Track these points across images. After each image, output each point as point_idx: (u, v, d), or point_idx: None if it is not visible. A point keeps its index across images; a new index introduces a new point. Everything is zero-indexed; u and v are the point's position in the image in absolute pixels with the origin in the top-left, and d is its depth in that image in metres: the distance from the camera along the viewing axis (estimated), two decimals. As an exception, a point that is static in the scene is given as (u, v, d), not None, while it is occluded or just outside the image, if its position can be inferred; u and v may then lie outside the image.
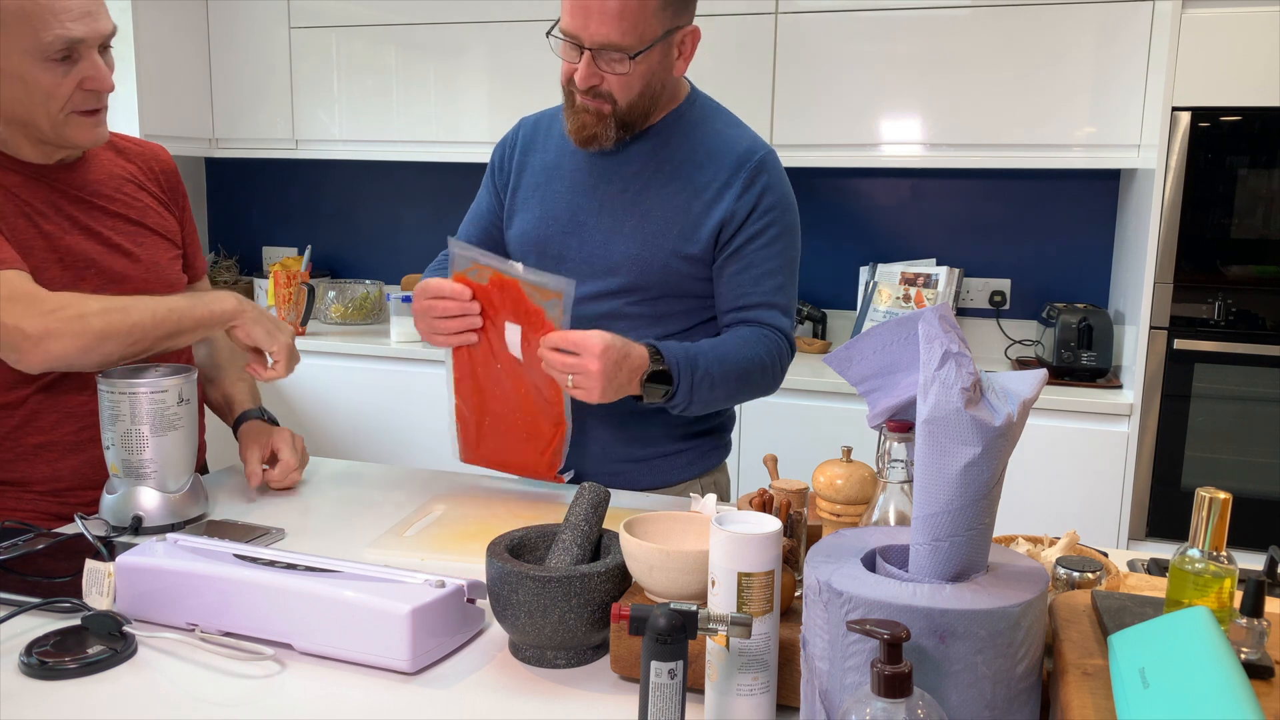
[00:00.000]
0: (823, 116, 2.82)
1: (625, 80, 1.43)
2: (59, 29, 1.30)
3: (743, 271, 1.51)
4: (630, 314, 1.53)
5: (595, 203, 1.54)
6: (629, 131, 1.49)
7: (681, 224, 1.50)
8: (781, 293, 1.53)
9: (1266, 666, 0.79)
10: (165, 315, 1.36)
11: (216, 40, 3.37)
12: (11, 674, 0.97)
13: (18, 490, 1.43)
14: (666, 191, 1.51)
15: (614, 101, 1.45)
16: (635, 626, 0.82)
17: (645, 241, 1.51)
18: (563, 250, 1.56)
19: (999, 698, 0.77)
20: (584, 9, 1.39)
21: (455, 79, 3.15)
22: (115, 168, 1.51)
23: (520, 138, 1.64)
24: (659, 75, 1.46)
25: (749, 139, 1.54)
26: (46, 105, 1.34)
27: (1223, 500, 0.82)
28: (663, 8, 1.41)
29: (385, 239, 3.71)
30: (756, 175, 1.50)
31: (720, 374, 1.45)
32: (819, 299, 3.21)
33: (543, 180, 1.58)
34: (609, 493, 1.11)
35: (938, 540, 0.80)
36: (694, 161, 1.51)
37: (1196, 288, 2.44)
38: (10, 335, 1.27)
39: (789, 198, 1.55)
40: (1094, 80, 2.61)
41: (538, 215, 1.58)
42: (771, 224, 1.51)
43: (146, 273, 1.49)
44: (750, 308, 1.52)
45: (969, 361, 0.81)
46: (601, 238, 1.53)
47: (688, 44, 1.48)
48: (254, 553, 1.09)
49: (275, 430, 1.55)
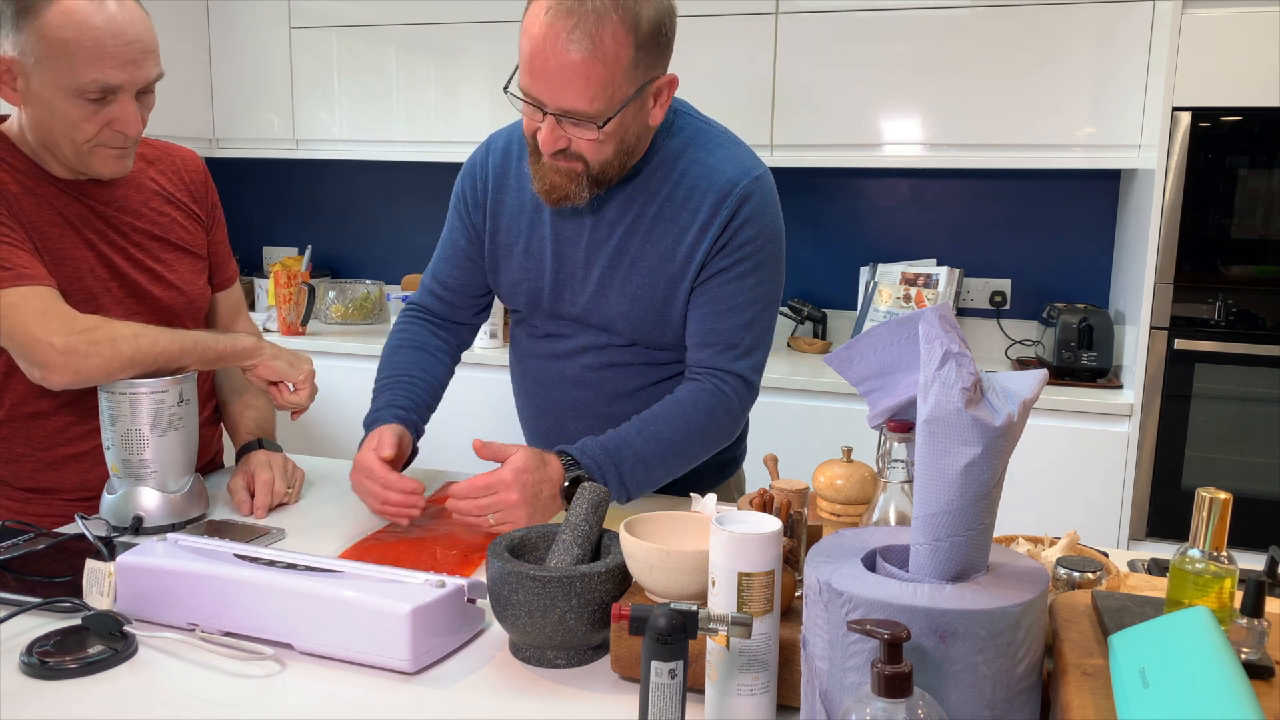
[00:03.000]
0: (823, 116, 2.82)
1: (595, 144, 1.28)
2: (97, 73, 1.27)
3: (707, 305, 1.40)
4: (635, 362, 1.48)
5: (581, 254, 1.43)
6: (603, 188, 1.36)
7: (669, 271, 1.40)
8: (748, 330, 1.40)
9: (1266, 666, 0.79)
10: (190, 347, 1.37)
11: (216, 40, 3.37)
12: (12, 674, 0.97)
13: (48, 498, 1.44)
14: (651, 238, 1.40)
15: (585, 161, 1.30)
16: (635, 626, 0.82)
17: (636, 296, 1.41)
18: (555, 305, 1.47)
19: (999, 698, 0.77)
20: (544, 71, 1.21)
21: (455, 79, 3.15)
22: (144, 180, 1.49)
23: (490, 171, 1.49)
24: (633, 130, 1.31)
25: (733, 166, 1.38)
26: (72, 136, 1.32)
27: (1223, 500, 0.82)
28: (634, 65, 1.23)
29: (385, 239, 3.71)
30: (738, 209, 1.36)
31: (654, 453, 1.35)
32: (819, 299, 3.21)
33: (524, 226, 1.46)
34: (609, 493, 1.11)
35: (938, 540, 0.80)
36: (675, 200, 1.39)
37: (1197, 288, 2.43)
38: (42, 351, 1.27)
39: (771, 228, 1.40)
40: (1094, 80, 2.61)
41: (523, 268, 1.47)
42: (745, 258, 1.38)
43: (170, 290, 1.49)
44: (707, 346, 1.40)
45: (969, 361, 0.81)
46: (591, 293, 1.44)
47: (664, 93, 1.31)
48: (254, 553, 1.09)
49: (253, 456, 1.50)
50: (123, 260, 1.44)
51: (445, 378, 1.56)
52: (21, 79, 1.30)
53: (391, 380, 1.49)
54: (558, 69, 1.20)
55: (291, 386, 1.48)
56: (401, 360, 1.52)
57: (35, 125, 1.34)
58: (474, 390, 2.83)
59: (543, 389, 1.55)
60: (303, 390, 1.48)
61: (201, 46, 3.36)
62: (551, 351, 1.52)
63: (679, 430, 1.38)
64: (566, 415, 1.53)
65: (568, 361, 1.50)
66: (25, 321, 1.27)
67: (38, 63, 1.27)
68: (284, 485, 1.47)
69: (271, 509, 1.44)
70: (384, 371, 1.52)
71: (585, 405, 1.51)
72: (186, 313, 1.52)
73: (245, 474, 1.47)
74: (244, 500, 1.43)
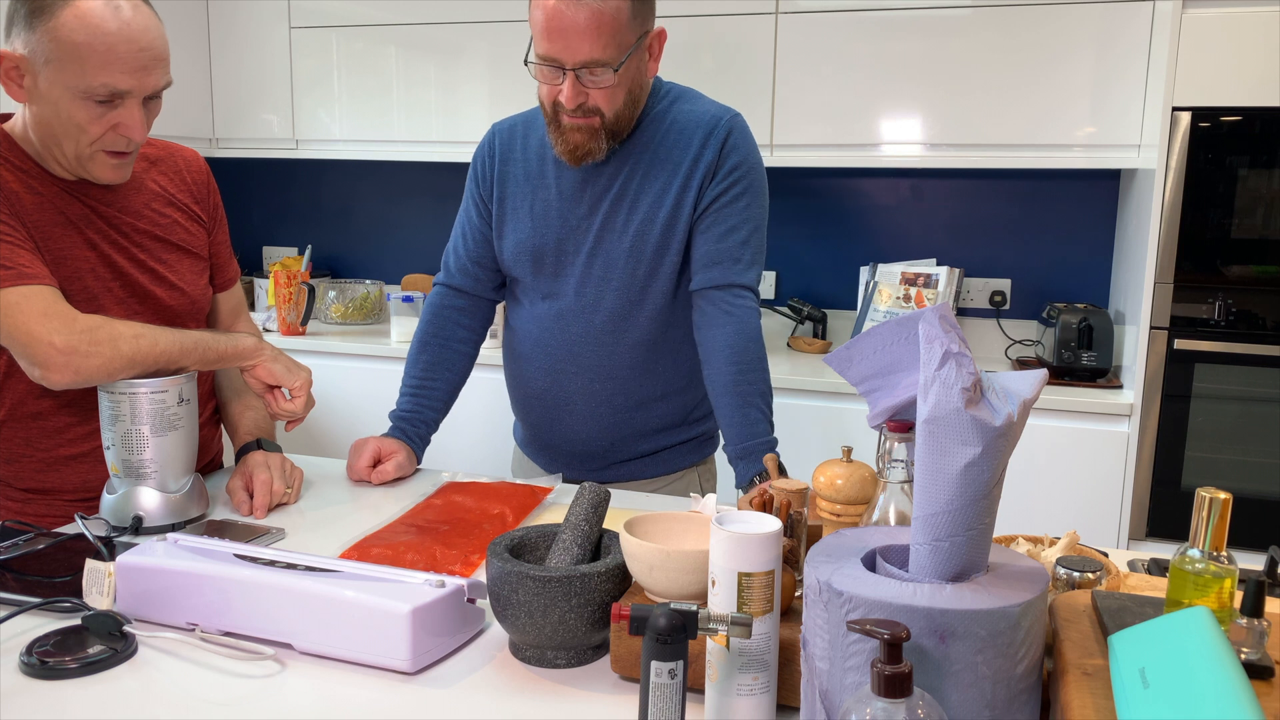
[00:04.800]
0: (823, 116, 2.82)
1: (610, 92, 1.47)
2: (107, 77, 1.27)
3: (708, 229, 1.56)
4: (627, 317, 1.60)
5: (584, 207, 1.59)
6: (618, 140, 1.54)
7: (667, 205, 1.55)
8: (745, 247, 1.57)
9: (1266, 666, 0.79)
10: (191, 347, 1.37)
11: (216, 40, 3.37)
12: (11, 674, 0.97)
13: (48, 498, 1.44)
14: (649, 177, 1.56)
15: (601, 114, 1.49)
16: (635, 626, 0.82)
17: (637, 233, 1.56)
18: (559, 258, 1.61)
19: (999, 698, 0.77)
20: (561, 31, 1.41)
21: (455, 79, 3.15)
22: (146, 181, 1.49)
23: (497, 146, 1.67)
24: (637, 80, 1.51)
25: (715, 108, 1.59)
26: (76, 137, 1.32)
27: (1223, 500, 0.82)
28: (633, 16, 1.45)
29: (385, 239, 3.71)
30: (725, 140, 1.55)
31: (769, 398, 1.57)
32: (819, 299, 3.21)
33: (528, 190, 1.62)
34: (609, 492, 1.11)
35: (938, 540, 0.80)
36: (668, 142, 1.57)
37: (1197, 288, 2.43)
38: (42, 350, 1.27)
39: (754, 156, 1.59)
40: (1094, 80, 2.61)
41: (529, 227, 1.62)
42: (735, 183, 1.56)
43: (171, 290, 1.49)
44: (715, 264, 1.56)
45: (969, 361, 0.81)
46: (594, 236, 1.59)
47: (656, 46, 1.53)
48: (254, 552, 1.09)
49: (251, 456, 1.50)
50: (124, 260, 1.43)
51: (465, 371, 1.74)
52: (29, 77, 1.29)
53: (413, 389, 1.69)
54: (573, 26, 1.40)
55: (288, 393, 1.48)
56: (426, 361, 1.70)
57: (39, 124, 1.33)
58: (476, 391, 2.83)
59: (541, 351, 1.65)
60: (299, 399, 1.48)
61: (201, 46, 3.36)
62: (549, 312, 1.63)
63: (763, 374, 1.56)
64: (567, 374, 1.64)
65: (568, 322, 1.62)
66: (26, 321, 1.27)
67: (48, 63, 1.27)
68: (283, 485, 1.46)
69: (271, 509, 1.44)
70: (408, 373, 1.71)
71: (584, 361, 1.63)
72: (189, 313, 1.52)
73: (244, 474, 1.47)
74: (243, 501, 1.43)
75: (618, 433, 1.65)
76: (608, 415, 1.64)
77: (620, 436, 1.66)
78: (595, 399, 1.63)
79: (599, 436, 1.66)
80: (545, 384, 1.66)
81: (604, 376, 1.62)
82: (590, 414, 1.64)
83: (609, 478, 1.69)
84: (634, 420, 1.65)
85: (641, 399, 1.64)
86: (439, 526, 1.35)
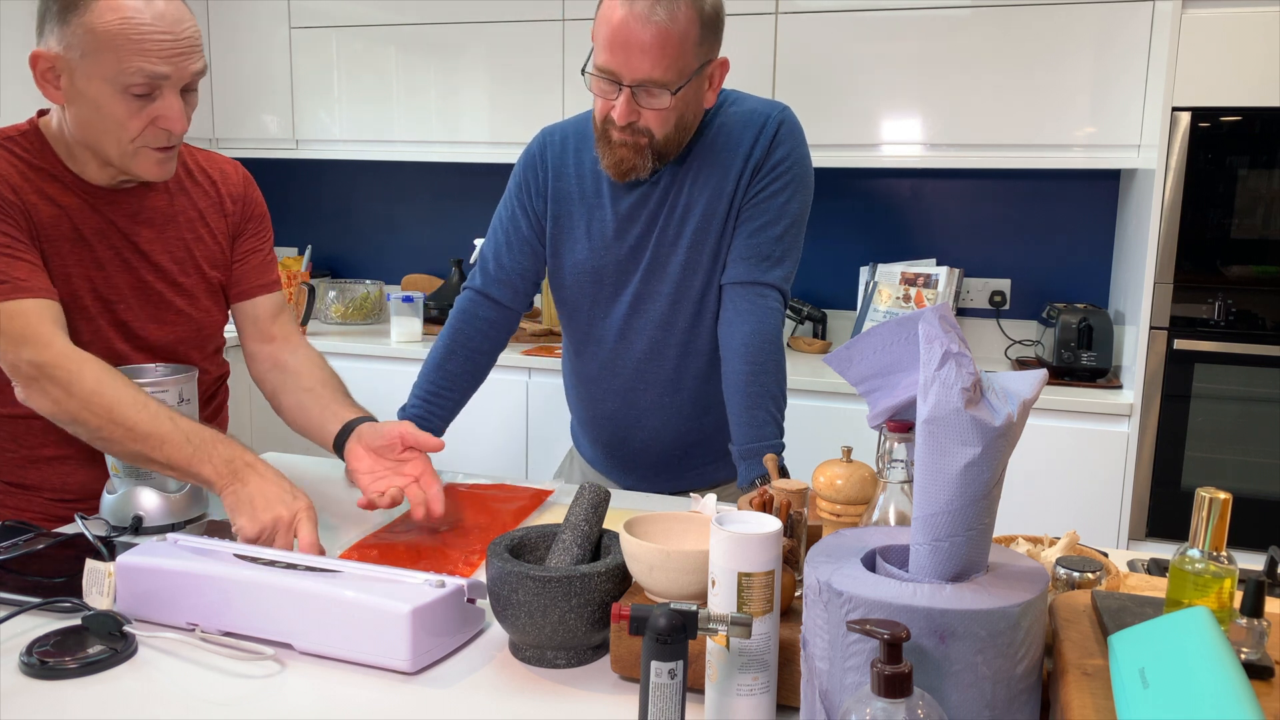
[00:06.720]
0: (823, 117, 2.82)
1: (663, 115, 1.44)
2: (143, 61, 1.26)
3: (746, 223, 1.54)
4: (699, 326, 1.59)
5: (641, 225, 1.56)
6: (663, 162, 1.51)
7: (720, 208, 1.54)
8: (778, 243, 1.54)
9: (1266, 666, 0.79)
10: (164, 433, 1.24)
11: (216, 40, 3.37)
12: (11, 674, 0.97)
13: (27, 494, 1.44)
14: (699, 178, 1.54)
15: (651, 135, 1.46)
16: (635, 626, 0.82)
17: (694, 239, 1.55)
18: (619, 277, 1.60)
19: (999, 698, 0.77)
20: (624, 45, 1.38)
21: (455, 79, 3.15)
22: (177, 195, 1.47)
23: (549, 158, 1.61)
24: (692, 108, 1.48)
25: (764, 105, 1.57)
26: (117, 135, 1.31)
27: (1223, 500, 0.82)
28: (700, 42, 1.41)
29: (385, 239, 3.71)
30: (775, 134, 1.53)
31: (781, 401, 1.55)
32: (819, 299, 3.21)
33: (584, 211, 1.59)
34: (609, 493, 1.11)
35: (938, 540, 0.80)
36: (717, 144, 1.54)
37: (1196, 288, 2.43)
38: (11, 370, 1.27)
39: (801, 150, 1.56)
40: (1094, 80, 2.61)
41: (586, 249, 1.59)
42: (778, 177, 1.53)
43: (176, 317, 1.47)
44: (744, 260, 1.54)
45: (969, 361, 0.81)
46: (651, 251, 1.57)
47: (717, 76, 1.49)
48: (254, 552, 1.09)
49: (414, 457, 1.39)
50: (134, 278, 1.42)
51: (480, 384, 1.69)
52: (65, 76, 1.29)
53: (431, 394, 1.63)
54: (637, 42, 1.37)
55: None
56: (451, 371, 1.64)
57: (79, 125, 1.32)
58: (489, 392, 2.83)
59: (609, 372, 1.64)
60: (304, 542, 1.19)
61: (201, 46, 3.36)
62: (613, 332, 1.62)
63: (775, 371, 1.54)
64: (636, 391, 1.63)
65: (632, 340, 1.61)
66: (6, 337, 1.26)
67: (83, 57, 1.26)
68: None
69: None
70: (428, 376, 1.64)
71: (651, 376, 1.62)
72: (192, 342, 1.50)
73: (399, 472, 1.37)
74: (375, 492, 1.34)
75: (690, 439, 1.66)
76: (679, 424, 1.64)
77: (693, 442, 1.66)
78: (666, 411, 1.63)
79: (673, 446, 1.66)
80: (616, 404, 1.65)
81: (674, 389, 1.62)
82: (664, 426, 1.64)
83: (683, 486, 1.69)
84: (704, 425, 1.65)
85: (708, 404, 1.63)
86: (439, 526, 1.35)
